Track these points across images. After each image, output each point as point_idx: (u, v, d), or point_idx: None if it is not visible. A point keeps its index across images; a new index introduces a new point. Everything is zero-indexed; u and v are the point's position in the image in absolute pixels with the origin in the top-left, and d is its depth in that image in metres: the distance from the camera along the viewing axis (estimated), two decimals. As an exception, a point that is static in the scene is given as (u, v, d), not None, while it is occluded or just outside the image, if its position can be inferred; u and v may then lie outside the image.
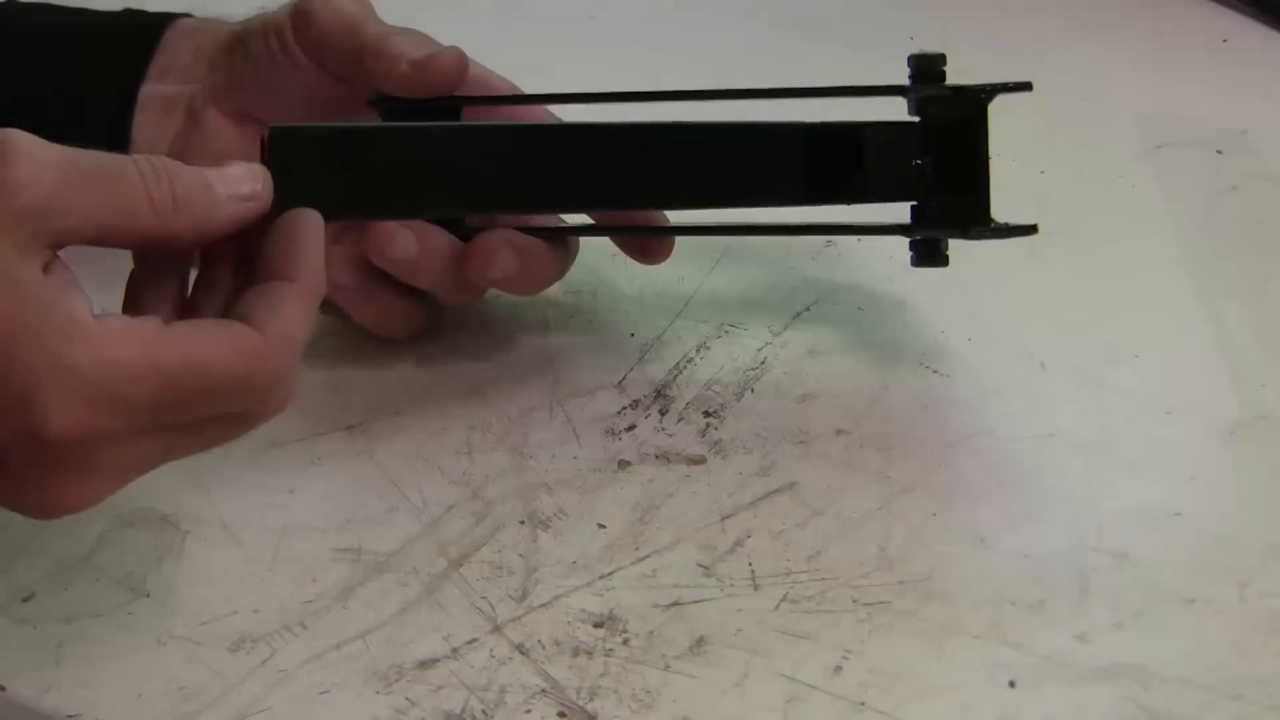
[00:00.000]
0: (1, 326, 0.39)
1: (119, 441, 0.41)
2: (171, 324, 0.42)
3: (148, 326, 0.41)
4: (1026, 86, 0.53)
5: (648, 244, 0.58)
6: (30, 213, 0.39)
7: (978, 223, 0.54)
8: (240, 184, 0.43)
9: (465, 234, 0.56)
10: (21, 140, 0.39)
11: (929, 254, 0.56)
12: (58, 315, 0.40)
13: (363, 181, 0.49)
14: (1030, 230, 0.54)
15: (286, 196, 0.44)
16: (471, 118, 0.56)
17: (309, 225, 0.44)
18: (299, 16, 0.55)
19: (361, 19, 0.54)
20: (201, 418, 0.42)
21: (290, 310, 0.43)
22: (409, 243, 0.54)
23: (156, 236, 0.41)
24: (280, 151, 0.45)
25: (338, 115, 0.56)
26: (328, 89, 0.56)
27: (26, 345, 0.39)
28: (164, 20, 0.60)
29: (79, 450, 0.40)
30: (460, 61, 0.54)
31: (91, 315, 0.40)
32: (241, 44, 0.57)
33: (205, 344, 0.41)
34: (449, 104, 0.55)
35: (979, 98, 0.53)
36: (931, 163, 0.54)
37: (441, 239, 0.55)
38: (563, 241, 0.58)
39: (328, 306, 0.55)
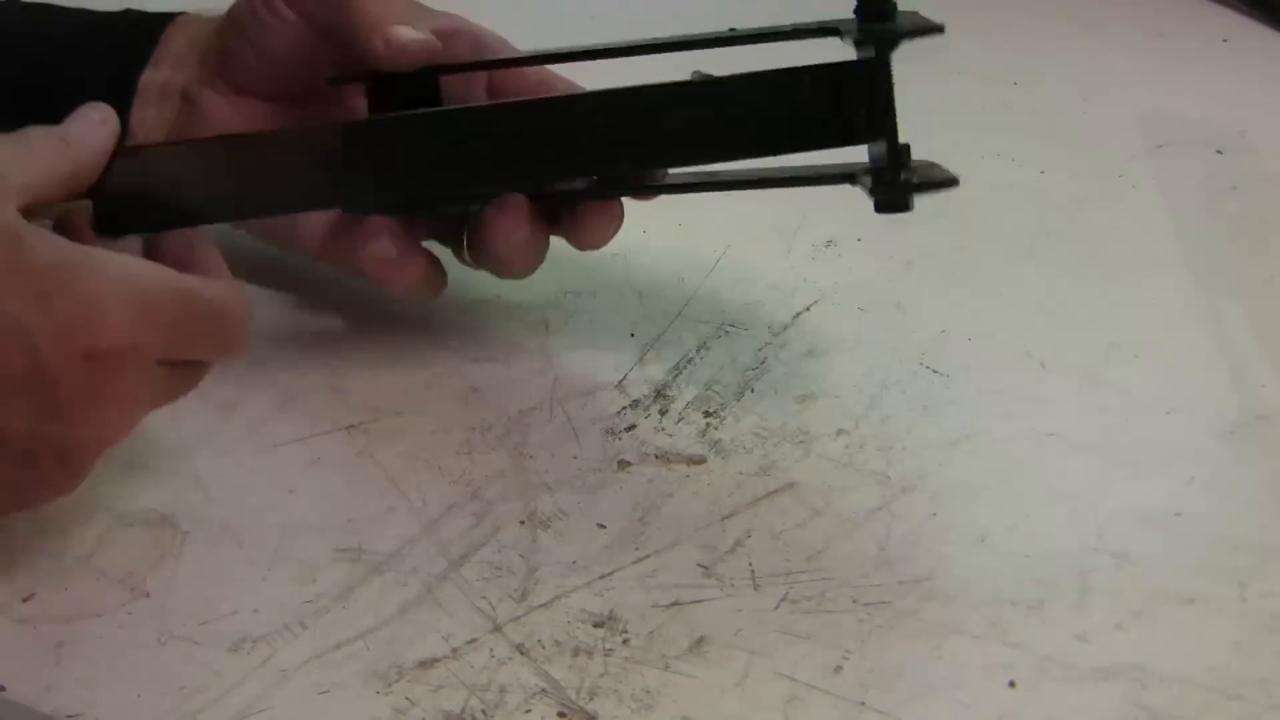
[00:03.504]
0: (46, 257, 0.44)
1: (148, 361, 0.46)
2: None
3: (153, 263, 0.47)
4: (938, 28, 0.50)
5: (589, 229, 0.57)
6: None
7: (893, 172, 0.51)
8: (93, 113, 0.50)
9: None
10: None
11: (890, 202, 0.52)
12: (82, 249, 0.45)
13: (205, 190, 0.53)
14: (951, 183, 0.51)
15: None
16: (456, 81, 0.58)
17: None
18: None
19: None
20: (195, 346, 0.48)
21: (224, 270, 0.51)
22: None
23: (67, 171, 0.48)
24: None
25: (326, 73, 0.57)
26: (314, 48, 0.56)
27: (75, 268, 0.44)
28: (165, 18, 0.61)
29: (128, 361, 0.45)
30: (430, 51, 0.55)
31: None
32: (229, 16, 0.58)
33: (194, 279, 0.48)
34: (427, 76, 0.56)
35: (885, 34, 0.50)
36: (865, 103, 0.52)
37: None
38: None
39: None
